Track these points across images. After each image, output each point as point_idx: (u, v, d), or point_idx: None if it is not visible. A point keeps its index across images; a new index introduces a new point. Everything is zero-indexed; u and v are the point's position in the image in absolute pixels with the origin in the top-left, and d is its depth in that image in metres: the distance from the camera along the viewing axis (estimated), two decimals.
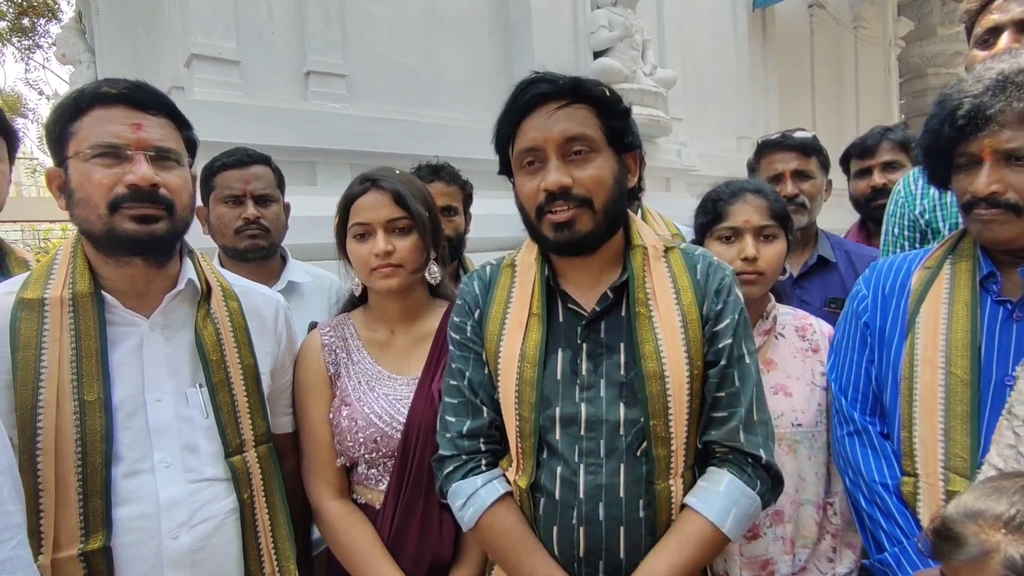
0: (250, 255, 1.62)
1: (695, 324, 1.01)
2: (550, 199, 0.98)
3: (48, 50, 12.57)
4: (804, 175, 1.78)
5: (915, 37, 7.96)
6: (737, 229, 1.31)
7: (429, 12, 3.19)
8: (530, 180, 1.01)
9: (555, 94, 0.99)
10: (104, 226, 0.95)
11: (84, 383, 0.94)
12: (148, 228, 0.96)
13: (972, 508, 0.68)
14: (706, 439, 1.02)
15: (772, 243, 1.31)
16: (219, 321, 1.09)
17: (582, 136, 0.98)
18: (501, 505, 1.03)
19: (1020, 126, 0.93)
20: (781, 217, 1.32)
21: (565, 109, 0.98)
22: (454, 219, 1.80)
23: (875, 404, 1.16)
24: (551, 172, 0.97)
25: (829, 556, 1.26)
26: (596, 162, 0.99)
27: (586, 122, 0.99)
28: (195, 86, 2.48)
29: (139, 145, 0.95)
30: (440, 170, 1.79)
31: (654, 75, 3.86)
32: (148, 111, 0.98)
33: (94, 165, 0.94)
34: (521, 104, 1.00)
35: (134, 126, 0.95)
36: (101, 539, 0.92)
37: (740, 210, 1.31)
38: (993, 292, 1.03)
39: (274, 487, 1.13)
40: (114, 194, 0.94)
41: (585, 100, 0.99)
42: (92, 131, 0.94)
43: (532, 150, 0.99)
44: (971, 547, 0.65)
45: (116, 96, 0.95)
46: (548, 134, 0.97)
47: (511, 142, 1.04)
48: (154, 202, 0.96)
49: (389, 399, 1.23)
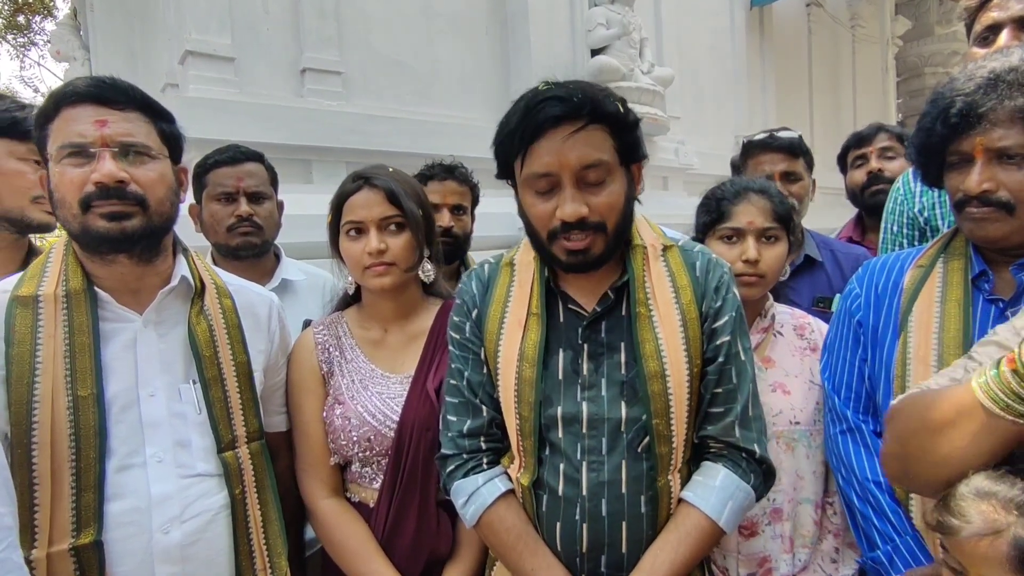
0: (243, 252, 1.61)
1: (694, 322, 1.02)
2: (566, 228, 0.96)
3: (43, 47, 12.51)
4: (792, 176, 1.79)
5: (912, 36, 7.97)
6: (740, 230, 1.29)
7: (426, 9, 3.19)
8: (542, 203, 0.97)
9: (570, 117, 0.93)
10: (79, 225, 0.95)
11: (77, 378, 0.94)
12: (119, 225, 0.96)
13: (985, 489, 0.69)
14: (702, 434, 1.03)
15: (774, 245, 1.30)
16: (212, 318, 1.09)
17: (598, 163, 0.95)
18: (502, 503, 1.04)
19: (1012, 124, 0.93)
20: (784, 219, 1.31)
21: (581, 133, 0.93)
22: (463, 218, 1.81)
23: (868, 402, 1.16)
24: (568, 202, 0.94)
25: (832, 557, 1.26)
26: (609, 188, 0.97)
27: (602, 146, 0.95)
28: (190, 83, 2.48)
29: (103, 142, 0.95)
30: (454, 169, 1.79)
31: (652, 73, 3.86)
32: (115, 106, 0.97)
33: (65, 166, 0.95)
34: (534, 125, 0.94)
35: (98, 123, 0.94)
36: (92, 533, 0.92)
37: (744, 211, 1.29)
38: (985, 291, 1.03)
39: (266, 484, 1.14)
40: (84, 193, 0.94)
41: (599, 119, 0.95)
42: (61, 132, 0.95)
43: (546, 175, 0.95)
44: (981, 525, 0.67)
45: (82, 94, 0.95)
46: (564, 160, 0.93)
47: (518, 157, 0.99)
48: (122, 198, 0.95)
49: (382, 397, 1.23)
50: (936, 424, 0.76)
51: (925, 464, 0.77)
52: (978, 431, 0.71)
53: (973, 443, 0.72)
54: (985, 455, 0.72)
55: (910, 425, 0.80)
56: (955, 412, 0.74)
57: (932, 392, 0.81)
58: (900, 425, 0.83)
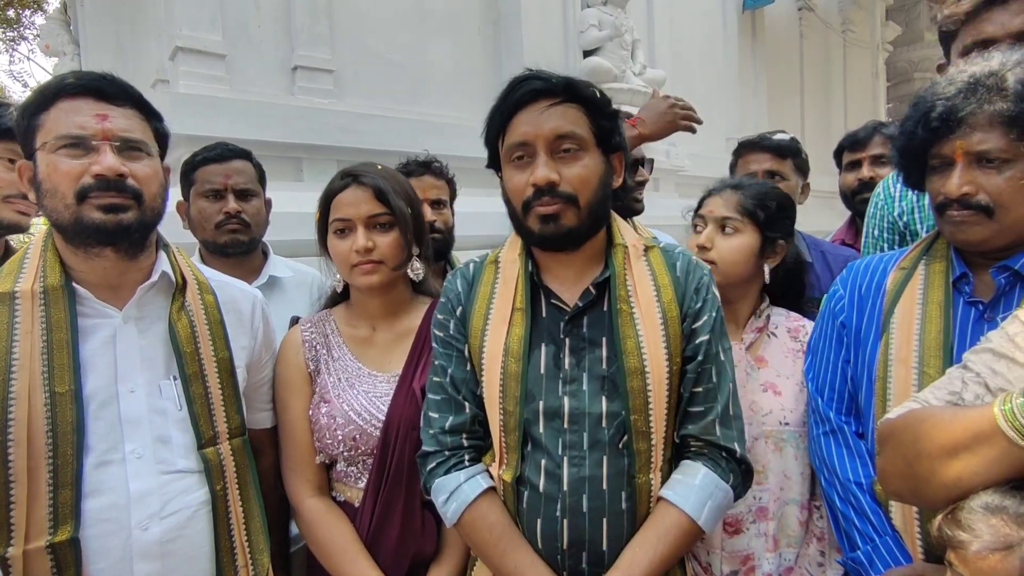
0: (230, 250, 1.61)
1: (674, 321, 1.02)
2: (538, 194, 1.00)
3: (33, 42, 12.39)
4: (777, 176, 1.81)
5: (902, 42, 8.06)
6: (702, 218, 1.39)
7: (418, 7, 3.18)
8: (518, 174, 1.02)
9: (548, 91, 1.00)
10: (72, 216, 0.95)
11: (55, 375, 0.93)
12: (116, 217, 0.96)
13: (995, 504, 0.68)
14: (683, 433, 1.04)
15: (731, 236, 1.33)
16: (194, 314, 1.08)
17: (572, 134, 0.99)
18: (484, 500, 1.04)
19: (991, 129, 0.94)
20: (751, 213, 1.33)
21: (557, 107, 0.99)
22: (444, 211, 1.81)
23: (851, 404, 1.17)
24: (540, 167, 0.99)
25: (819, 560, 1.27)
26: (583, 161, 1.01)
27: (576, 121, 1.00)
28: (180, 79, 2.46)
29: (105, 136, 0.96)
30: (430, 164, 1.81)
31: (643, 75, 3.88)
32: (114, 102, 0.98)
33: (60, 156, 0.94)
34: (514, 99, 1.01)
35: (99, 117, 0.95)
36: (69, 530, 0.91)
37: (710, 201, 1.38)
38: (966, 293, 1.04)
39: (248, 480, 1.13)
40: (81, 184, 0.94)
41: (576, 100, 1.01)
42: (58, 122, 0.95)
43: (522, 145, 1.01)
44: (991, 539, 0.66)
45: (82, 87, 0.96)
46: (539, 130, 0.99)
47: (501, 136, 1.05)
48: (121, 192, 0.96)
49: (369, 396, 1.22)
50: (948, 447, 0.73)
51: (934, 486, 0.75)
52: (997, 458, 0.69)
53: (990, 469, 0.70)
54: (1000, 480, 0.70)
55: (920, 447, 0.78)
56: (971, 437, 0.71)
57: (939, 411, 0.79)
58: (905, 445, 0.81)
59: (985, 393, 0.78)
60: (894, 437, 0.84)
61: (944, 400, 0.83)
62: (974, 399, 0.79)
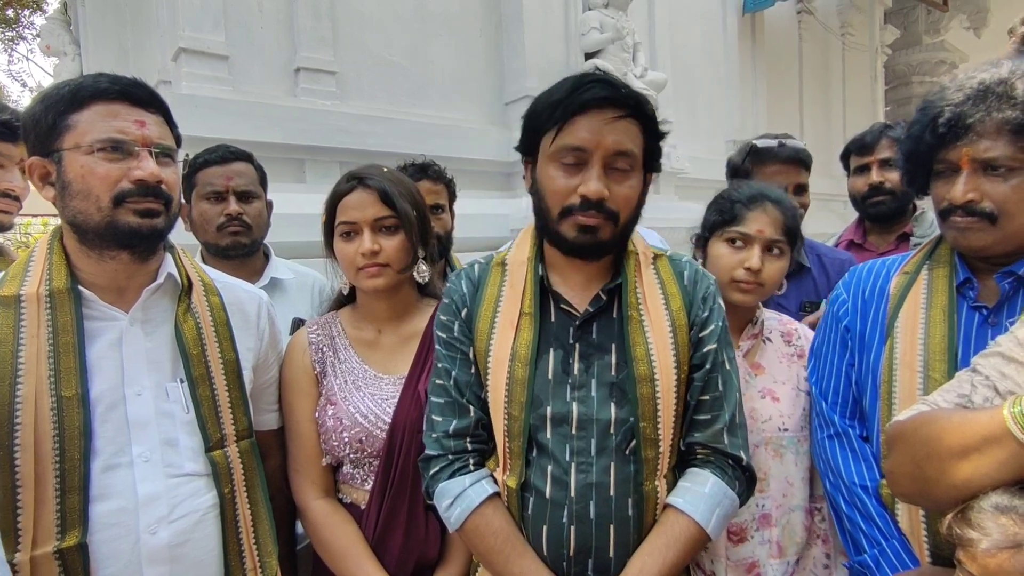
0: (232, 252, 1.61)
1: (683, 329, 1.03)
2: (584, 205, 0.98)
3: (32, 42, 12.37)
4: (803, 189, 1.81)
5: (901, 45, 8.10)
6: (748, 236, 1.28)
7: (420, 9, 3.19)
8: (564, 177, 0.99)
9: (616, 102, 0.97)
10: (104, 219, 0.95)
11: (61, 379, 0.93)
12: (150, 222, 0.98)
13: (1004, 503, 0.69)
14: (689, 440, 1.04)
15: (778, 259, 1.29)
16: (200, 316, 1.08)
17: (629, 153, 0.98)
18: (489, 505, 1.03)
19: (998, 136, 0.94)
20: (791, 233, 1.31)
21: (621, 121, 0.97)
22: (442, 216, 1.81)
23: (855, 407, 1.17)
24: (593, 180, 0.97)
25: (824, 563, 1.27)
26: (631, 181, 1.01)
27: (635, 139, 1.00)
28: (183, 80, 2.46)
29: (144, 142, 0.97)
30: (427, 168, 1.80)
31: (644, 77, 3.88)
32: (148, 108, 0.99)
33: (98, 159, 0.94)
34: (580, 100, 0.97)
35: (138, 123, 0.97)
36: (77, 536, 0.91)
37: (756, 218, 1.28)
38: (970, 298, 1.05)
39: (256, 482, 1.12)
40: (119, 188, 0.95)
41: (638, 117, 1.00)
42: (95, 125, 0.94)
43: (578, 150, 0.98)
44: (1000, 538, 0.67)
45: (118, 92, 0.96)
46: (601, 140, 0.96)
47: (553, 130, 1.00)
48: (157, 197, 0.98)
49: (375, 399, 1.22)
50: (958, 448, 0.74)
51: (943, 487, 0.76)
52: (1006, 459, 0.70)
53: (999, 470, 0.71)
54: (1009, 481, 0.71)
55: (929, 448, 0.78)
56: (980, 439, 0.72)
57: (949, 413, 0.80)
58: (915, 446, 0.81)
59: (994, 396, 0.79)
60: (903, 439, 0.84)
61: (953, 403, 0.83)
62: (983, 402, 0.80)
